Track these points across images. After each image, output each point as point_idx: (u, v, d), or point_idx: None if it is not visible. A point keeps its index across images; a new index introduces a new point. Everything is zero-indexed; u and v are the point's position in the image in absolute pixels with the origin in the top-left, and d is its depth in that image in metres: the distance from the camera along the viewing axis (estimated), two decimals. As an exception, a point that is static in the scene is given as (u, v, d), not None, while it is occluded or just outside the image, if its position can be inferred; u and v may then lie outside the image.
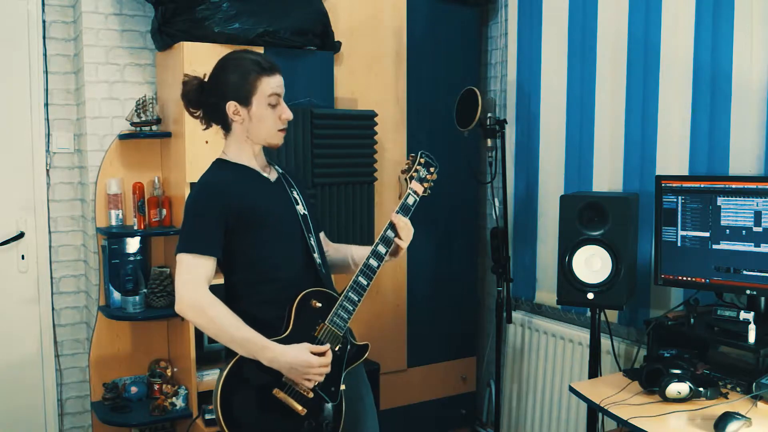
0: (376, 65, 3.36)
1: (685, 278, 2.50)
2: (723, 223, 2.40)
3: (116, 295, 3.05)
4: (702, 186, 2.44)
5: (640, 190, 2.83)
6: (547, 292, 3.33)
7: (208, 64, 2.79)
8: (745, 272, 2.35)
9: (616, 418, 2.07)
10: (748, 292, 2.36)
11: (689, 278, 2.49)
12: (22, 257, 3.22)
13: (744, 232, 2.35)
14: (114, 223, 3.09)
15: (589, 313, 2.84)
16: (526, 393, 3.41)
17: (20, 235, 3.21)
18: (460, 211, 3.65)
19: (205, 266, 1.88)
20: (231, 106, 1.94)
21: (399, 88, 3.43)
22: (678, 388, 2.08)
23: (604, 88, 3.02)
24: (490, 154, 3.30)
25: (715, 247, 2.42)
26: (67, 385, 3.31)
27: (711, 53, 2.58)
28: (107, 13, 3.10)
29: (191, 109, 2.02)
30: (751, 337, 2.18)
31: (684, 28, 2.67)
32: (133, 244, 3.11)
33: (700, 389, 2.09)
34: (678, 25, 2.69)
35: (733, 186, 2.37)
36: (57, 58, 3.22)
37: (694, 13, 2.63)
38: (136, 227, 3.04)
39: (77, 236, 3.30)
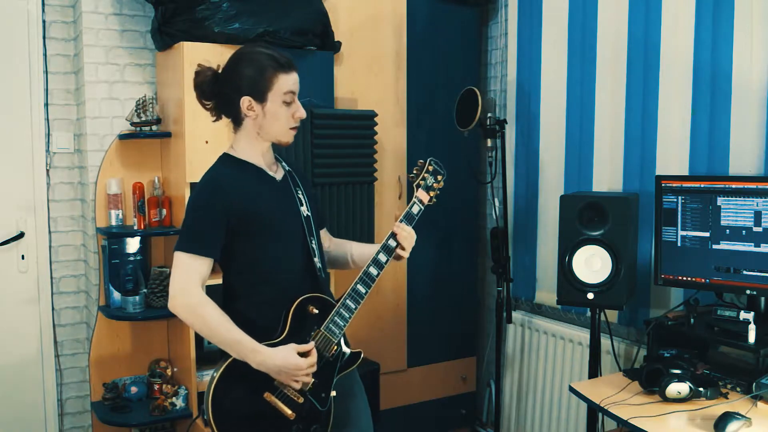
0: (376, 65, 3.36)
1: (685, 278, 2.50)
2: (723, 223, 2.40)
3: (116, 295, 3.05)
4: (702, 186, 2.44)
5: (640, 190, 2.83)
6: (547, 292, 3.32)
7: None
8: (745, 272, 2.35)
9: (616, 418, 2.07)
10: (748, 292, 2.36)
11: (689, 278, 2.49)
12: (22, 257, 3.22)
13: (744, 232, 2.35)
14: (114, 223, 3.09)
15: (589, 313, 2.84)
16: (526, 393, 3.41)
17: (20, 235, 3.21)
18: (460, 211, 3.65)
19: (201, 267, 1.87)
20: (245, 101, 1.91)
21: (399, 88, 3.43)
22: (678, 388, 2.08)
23: (604, 88, 3.02)
24: (490, 154, 3.30)
25: (715, 247, 2.42)
26: (67, 385, 3.31)
27: (711, 53, 2.58)
28: (107, 13, 3.10)
29: (204, 100, 1.98)
30: (751, 337, 2.18)
31: (684, 28, 2.67)
32: (133, 244, 3.11)
33: (700, 389, 2.09)
34: (678, 25, 2.69)
35: (733, 186, 2.37)
36: (57, 58, 3.22)
37: (694, 13, 2.63)
38: (136, 227, 3.04)
39: (77, 236, 3.30)
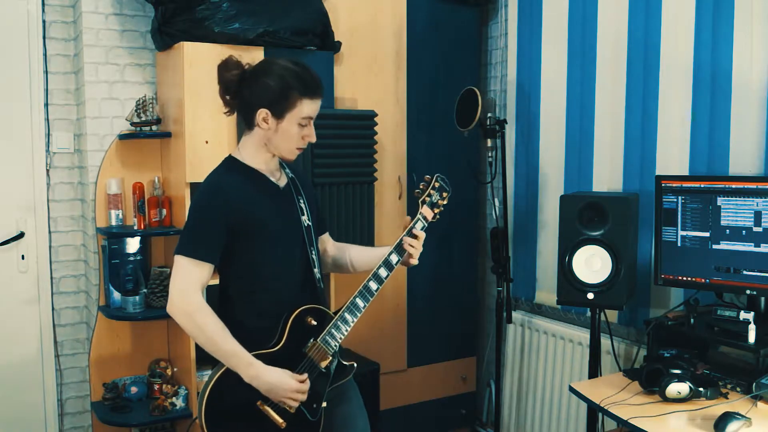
0: (376, 65, 3.36)
1: (685, 278, 2.50)
2: (723, 223, 2.40)
3: (116, 295, 3.05)
4: (702, 186, 2.44)
5: (640, 190, 2.83)
6: (547, 292, 3.32)
7: (208, 64, 2.81)
8: (745, 272, 2.35)
9: (616, 418, 2.07)
10: (748, 292, 2.36)
11: (689, 278, 2.49)
12: (22, 257, 3.22)
13: (744, 232, 2.35)
14: (114, 223, 3.09)
15: (589, 313, 2.84)
16: (526, 393, 3.41)
17: (20, 235, 3.21)
18: (460, 211, 3.64)
19: (201, 272, 1.87)
20: (262, 113, 1.90)
21: (399, 88, 3.43)
22: (678, 388, 2.08)
23: (604, 88, 3.02)
24: (490, 154, 3.30)
25: (715, 247, 2.42)
26: (67, 385, 3.31)
27: (711, 53, 2.58)
28: (107, 13, 3.10)
29: (227, 96, 1.96)
30: (751, 337, 2.18)
31: (684, 28, 2.67)
32: (133, 244, 3.11)
33: (700, 389, 2.09)
34: (678, 25, 2.69)
35: (733, 186, 2.37)
36: (57, 58, 3.21)
37: (694, 13, 2.63)
38: (136, 227, 3.04)
39: (77, 236, 3.30)
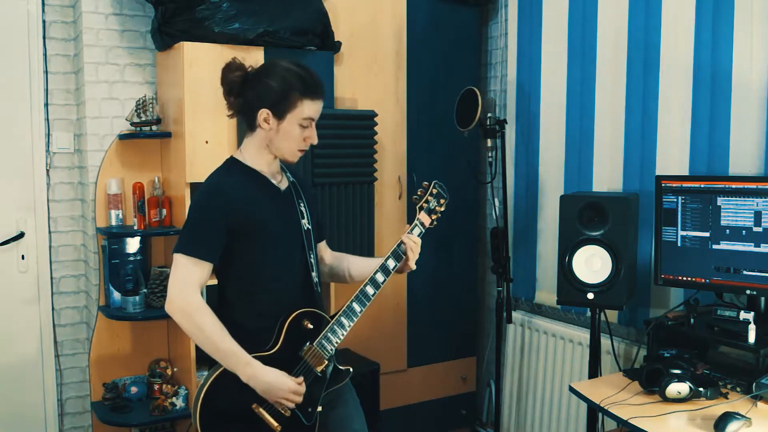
0: (376, 65, 3.36)
1: (685, 278, 2.50)
2: (723, 223, 2.40)
3: (116, 295, 3.05)
4: (702, 186, 2.44)
5: (640, 190, 2.83)
6: (547, 292, 3.32)
7: (208, 64, 2.81)
8: (745, 272, 2.35)
9: (616, 418, 2.07)
10: (748, 292, 2.36)
11: (689, 278, 2.49)
12: (22, 257, 3.22)
13: (744, 232, 2.35)
14: (114, 223, 3.09)
15: (589, 313, 2.84)
16: (526, 393, 3.41)
17: (20, 235, 3.21)
18: (460, 211, 3.64)
19: (200, 271, 1.87)
20: (263, 113, 1.92)
21: (399, 88, 3.43)
22: (678, 388, 2.08)
23: (604, 88, 3.02)
24: (490, 154, 3.30)
25: (715, 247, 2.42)
26: (67, 385, 3.31)
27: (711, 53, 2.58)
28: (107, 13, 3.10)
29: (231, 97, 1.97)
30: (751, 337, 2.18)
31: (684, 28, 2.67)
32: (133, 244, 3.11)
33: (700, 389, 2.09)
34: (678, 25, 2.69)
35: (733, 186, 2.37)
36: (57, 58, 3.21)
37: (694, 13, 2.63)
38: (136, 227, 3.04)
39: (77, 236, 3.30)
